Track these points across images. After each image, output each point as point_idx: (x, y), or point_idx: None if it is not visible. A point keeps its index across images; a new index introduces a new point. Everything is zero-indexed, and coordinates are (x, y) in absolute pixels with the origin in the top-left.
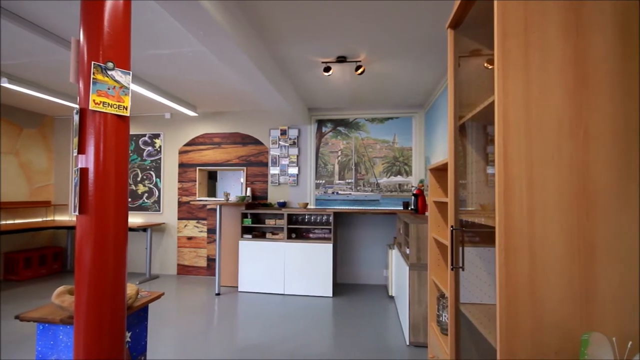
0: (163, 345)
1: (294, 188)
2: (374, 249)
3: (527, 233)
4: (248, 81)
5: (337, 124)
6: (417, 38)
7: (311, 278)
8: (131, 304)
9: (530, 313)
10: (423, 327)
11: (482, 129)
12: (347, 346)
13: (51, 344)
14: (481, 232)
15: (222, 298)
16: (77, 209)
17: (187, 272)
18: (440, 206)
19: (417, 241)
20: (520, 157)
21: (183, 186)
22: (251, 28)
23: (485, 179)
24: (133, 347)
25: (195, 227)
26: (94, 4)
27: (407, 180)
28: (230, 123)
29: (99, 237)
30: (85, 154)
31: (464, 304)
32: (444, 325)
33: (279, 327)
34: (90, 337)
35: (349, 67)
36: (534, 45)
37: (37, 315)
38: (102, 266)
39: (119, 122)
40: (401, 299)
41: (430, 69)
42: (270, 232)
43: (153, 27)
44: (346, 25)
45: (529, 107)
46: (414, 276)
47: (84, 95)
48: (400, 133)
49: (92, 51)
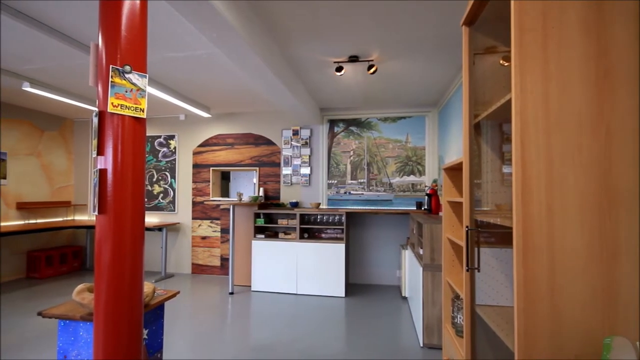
0: (178, 342)
1: (306, 188)
2: (387, 249)
3: (546, 234)
4: (260, 82)
5: (349, 123)
6: (431, 36)
7: (323, 278)
8: (148, 302)
9: (549, 315)
10: (437, 329)
11: (497, 127)
12: (360, 347)
13: (72, 340)
14: (497, 232)
15: (235, 297)
16: (96, 209)
17: (201, 271)
18: (455, 206)
19: (431, 241)
20: (539, 156)
21: (197, 186)
22: (263, 29)
23: (501, 179)
24: (150, 344)
25: (209, 226)
26: (112, 9)
27: (420, 180)
28: (243, 124)
29: (117, 236)
30: (104, 156)
31: (479, 306)
32: (459, 327)
33: (292, 326)
34: (109, 334)
35: (361, 67)
36: (553, 41)
37: (59, 312)
38: (120, 265)
39: (136, 124)
40: (415, 299)
41: (444, 67)
42: (282, 232)
43: (168, 31)
44: (358, 25)
45: (548, 104)
46: (427, 277)
47: (103, 98)
48: (413, 132)
49: (110, 55)
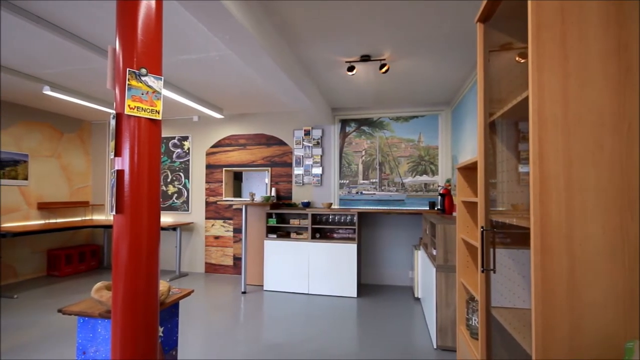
0: (192, 340)
1: (317, 188)
2: (399, 250)
3: (565, 234)
4: (272, 83)
5: (361, 123)
6: (444, 33)
7: (335, 278)
8: (163, 300)
9: (568, 318)
10: (451, 331)
11: (513, 125)
12: (373, 347)
13: (90, 336)
14: (513, 233)
15: (248, 296)
16: (114, 208)
17: (214, 271)
18: (469, 206)
19: (445, 242)
20: (558, 154)
21: (210, 187)
22: (275, 30)
23: (517, 178)
24: (165, 341)
25: (222, 226)
26: (129, 13)
27: (433, 180)
28: (255, 124)
29: (134, 235)
30: (121, 157)
31: (495, 308)
32: (474, 329)
33: (304, 326)
34: (126, 331)
35: (372, 66)
36: (572, 36)
37: (78, 309)
38: (136, 263)
39: (152, 125)
40: (428, 301)
41: (458, 65)
42: (294, 232)
43: (181, 34)
44: (370, 24)
45: (567, 101)
46: (441, 278)
47: (120, 100)
48: (426, 131)
49: (127, 58)
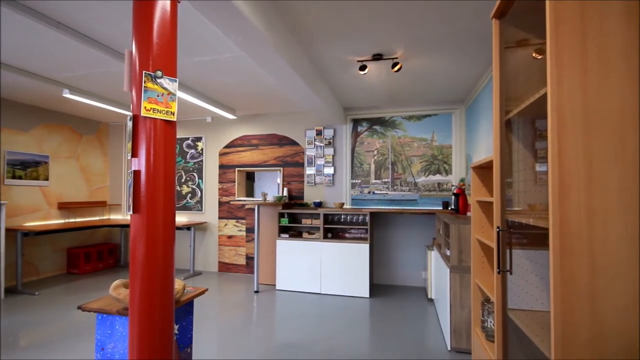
0: (206, 339)
1: (329, 188)
2: (412, 250)
3: (586, 235)
4: (284, 83)
5: (373, 122)
6: (458, 30)
7: (347, 278)
8: (178, 299)
9: (589, 321)
10: (466, 332)
11: (530, 123)
12: (386, 348)
13: (109, 333)
14: (530, 233)
15: (260, 295)
16: (131, 208)
17: (227, 270)
18: (484, 206)
19: (459, 242)
20: (578, 153)
21: (223, 187)
22: (287, 31)
23: (534, 177)
24: (180, 339)
25: (235, 226)
26: (145, 17)
27: (447, 179)
28: (267, 125)
29: (150, 235)
30: (138, 157)
31: (512, 310)
32: (490, 332)
33: (316, 326)
34: (143, 328)
35: (385, 65)
36: (592, 31)
37: (96, 306)
38: (153, 262)
39: (167, 126)
40: (442, 302)
41: (472, 62)
42: (306, 232)
43: (195, 36)
44: (383, 23)
45: (587, 97)
46: (455, 279)
47: (136, 102)
48: (439, 130)
49: (143, 61)
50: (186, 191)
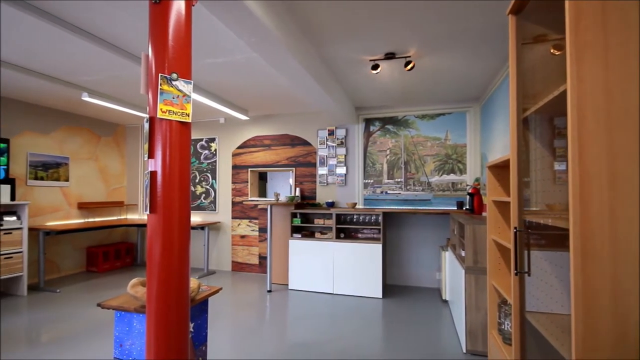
0: (220, 337)
1: (342, 188)
2: (426, 251)
3: (609, 236)
4: (297, 84)
5: (386, 122)
6: (473, 27)
7: (360, 278)
8: (193, 297)
9: (611, 325)
10: (482, 335)
11: (548, 121)
12: (399, 349)
13: (127, 330)
14: (549, 234)
15: (273, 295)
16: (147, 208)
17: (241, 269)
18: (501, 206)
19: (474, 243)
20: (600, 151)
21: (236, 187)
22: (299, 31)
23: (552, 177)
24: (195, 337)
25: (248, 226)
26: (161, 21)
27: (461, 179)
28: (280, 125)
29: (166, 234)
30: (154, 159)
31: (530, 312)
32: (507, 334)
33: (329, 326)
34: (159, 326)
35: (397, 64)
36: (613, 25)
37: (115, 304)
38: (169, 261)
39: (182, 128)
40: (456, 303)
41: (487, 59)
42: (319, 232)
43: (209, 38)
44: (395, 21)
45: (609, 94)
46: (470, 280)
47: (153, 104)
48: (453, 129)
49: (159, 64)
50: (200, 191)
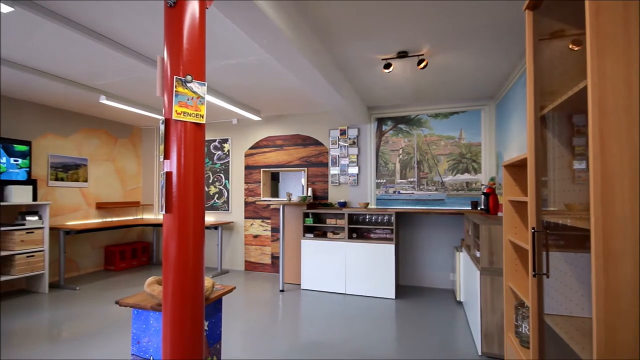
0: (234, 336)
1: (354, 188)
2: (440, 251)
3: (631, 236)
4: (309, 84)
5: (398, 121)
6: (488, 24)
7: (373, 279)
8: (208, 296)
9: (634, 329)
10: (498, 337)
11: (566, 119)
12: (413, 351)
13: (144, 327)
14: (568, 235)
15: (285, 295)
16: (163, 208)
17: (253, 269)
18: (517, 206)
19: (489, 243)
20: (622, 149)
21: (249, 187)
22: (311, 31)
23: (571, 176)
24: (210, 335)
25: (260, 225)
26: (176, 25)
27: (476, 178)
28: (292, 125)
29: (181, 234)
30: (170, 159)
31: (549, 315)
32: (524, 337)
33: (341, 326)
34: (175, 323)
35: (410, 62)
36: (635, 18)
37: (132, 302)
38: (184, 260)
39: (197, 129)
40: (471, 305)
41: (503, 56)
42: (331, 232)
43: (222, 41)
44: (408, 19)
45: (632, 90)
46: (485, 281)
47: (168, 106)
48: (468, 128)
49: (174, 67)
50: (214, 192)
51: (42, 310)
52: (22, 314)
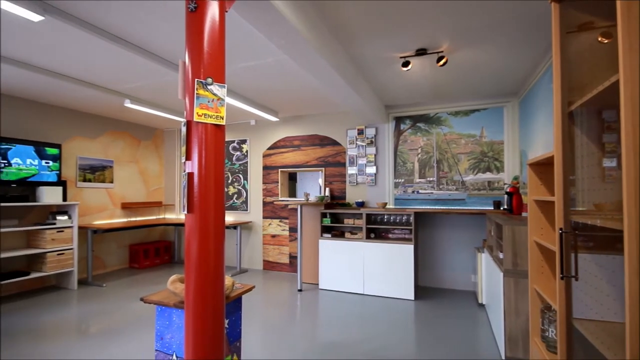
0: (253, 334)
1: (372, 187)
2: (460, 252)
3: None
4: (326, 84)
5: (417, 120)
6: (510, 17)
7: (391, 279)
8: (228, 294)
9: None
10: (523, 341)
11: (595, 114)
12: (432, 353)
13: (167, 324)
14: (598, 235)
15: (304, 294)
16: (185, 208)
17: (272, 268)
18: (543, 206)
19: (513, 244)
20: None
21: (267, 187)
22: (329, 31)
23: (601, 174)
24: (230, 333)
25: (278, 225)
26: (196, 29)
27: (498, 177)
28: (309, 126)
29: (202, 233)
30: (191, 160)
31: (578, 320)
32: (551, 342)
33: (360, 326)
34: (197, 321)
35: (429, 60)
36: None
37: (156, 299)
38: (205, 259)
39: (217, 130)
40: (494, 307)
41: (527, 51)
42: (349, 232)
43: (240, 43)
44: (427, 15)
45: None
46: (509, 283)
47: (190, 108)
48: (489, 125)
49: (195, 70)
50: (232, 192)
51: (71, 305)
52: (52, 309)
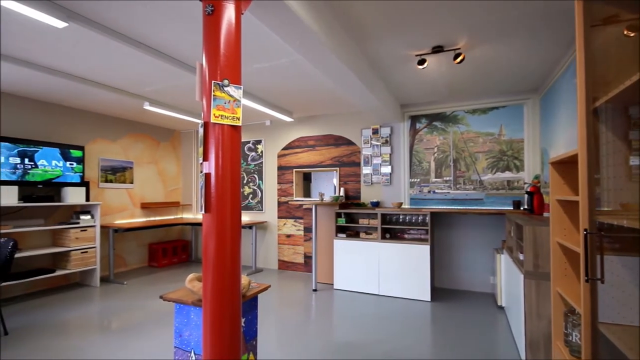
0: (268, 333)
1: (387, 187)
2: (478, 253)
3: None
4: (341, 84)
5: (433, 118)
6: (531, 11)
7: (407, 280)
8: (244, 293)
9: None
10: (544, 345)
11: (621, 111)
12: (450, 355)
13: (185, 321)
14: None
15: (318, 294)
16: (203, 208)
17: (286, 268)
18: (567, 206)
19: (534, 246)
20: None
21: (282, 187)
22: (343, 31)
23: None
24: (246, 331)
25: (293, 225)
26: (213, 32)
27: (518, 177)
28: (323, 126)
29: (219, 233)
30: (208, 161)
31: (604, 324)
32: (575, 346)
33: (375, 327)
34: (214, 319)
35: (445, 57)
36: None
37: (175, 297)
38: (222, 258)
39: (233, 131)
40: (514, 310)
41: (547, 46)
42: (363, 232)
43: (255, 45)
44: (442, 12)
45: None
46: (530, 286)
47: (207, 110)
48: (508, 123)
49: (212, 72)
50: (248, 192)
51: (94, 302)
52: (76, 306)
